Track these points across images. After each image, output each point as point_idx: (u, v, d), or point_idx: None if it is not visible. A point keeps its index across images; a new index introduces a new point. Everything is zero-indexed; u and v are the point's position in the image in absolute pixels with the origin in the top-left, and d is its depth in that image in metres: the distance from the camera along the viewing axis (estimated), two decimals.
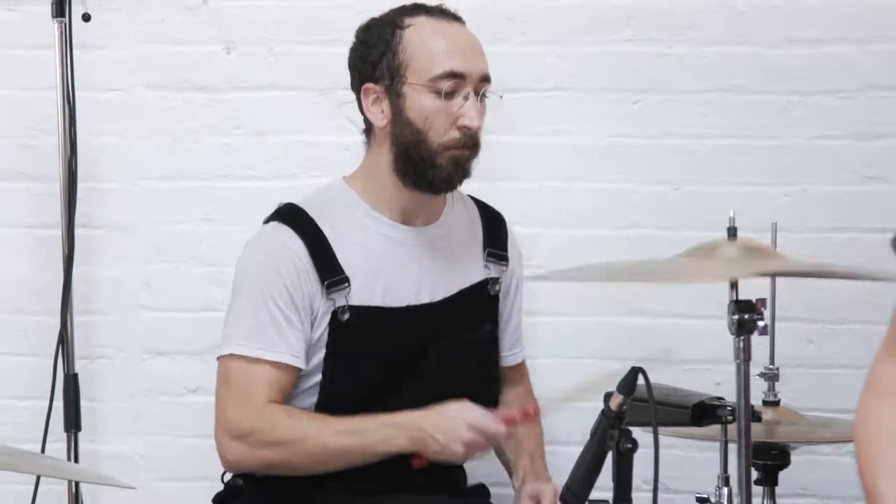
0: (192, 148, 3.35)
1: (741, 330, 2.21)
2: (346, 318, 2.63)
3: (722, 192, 3.24)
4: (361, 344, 2.65)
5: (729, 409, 2.36)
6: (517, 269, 2.90)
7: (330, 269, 2.63)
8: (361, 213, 2.70)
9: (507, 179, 3.26)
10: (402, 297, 2.69)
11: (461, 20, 2.71)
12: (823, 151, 3.23)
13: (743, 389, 2.23)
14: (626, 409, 2.22)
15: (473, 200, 2.88)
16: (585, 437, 2.29)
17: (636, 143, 3.29)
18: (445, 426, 2.56)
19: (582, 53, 3.29)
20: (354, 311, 2.64)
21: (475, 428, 2.55)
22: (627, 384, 2.22)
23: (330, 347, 2.65)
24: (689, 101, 3.27)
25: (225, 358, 2.65)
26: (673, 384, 2.51)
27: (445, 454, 2.57)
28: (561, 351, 3.30)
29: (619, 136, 3.30)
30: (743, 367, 2.22)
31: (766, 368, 2.77)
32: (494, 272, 2.82)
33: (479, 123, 2.65)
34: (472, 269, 2.79)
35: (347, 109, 2.95)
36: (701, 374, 3.20)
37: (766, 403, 2.77)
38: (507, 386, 2.90)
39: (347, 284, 2.64)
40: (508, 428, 2.58)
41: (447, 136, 2.64)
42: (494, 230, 2.85)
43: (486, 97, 2.68)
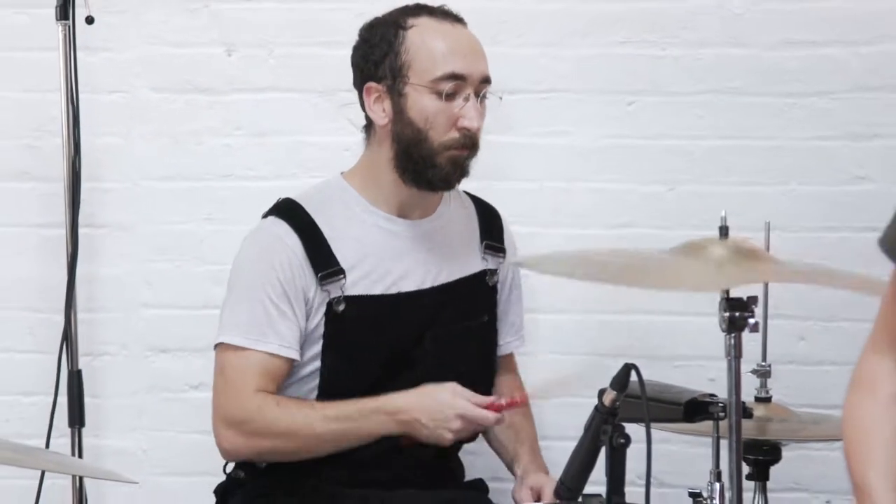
0: (193, 149, 3.36)
1: (732, 327, 2.21)
2: (341, 308, 2.65)
3: (716, 191, 3.25)
4: (358, 333, 2.66)
5: (721, 405, 2.36)
6: (514, 264, 2.90)
7: (324, 261, 2.65)
8: (359, 207, 2.72)
9: (504, 179, 3.26)
10: (398, 285, 2.70)
11: (463, 22, 2.72)
12: (816, 152, 3.23)
13: (734, 386, 2.23)
14: (619, 405, 2.23)
15: (469, 195, 2.89)
16: (579, 432, 2.29)
17: (632, 143, 3.30)
18: (434, 413, 2.59)
19: (578, 55, 3.29)
20: (350, 301, 2.65)
21: (464, 417, 2.58)
22: (620, 380, 2.22)
23: (327, 338, 2.66)
24: (683, 102, 3.27)
25: (220, 349, 2.68)
26: (667, 380, 2.52)
27: (433, 439, 2.61)
28: (560, 347, 3.31)
29: (615, 136, 3.30)
30: (734, 364, 2.23)
31: (758, 365, 2.77)
32: (492, 264, 2.84)
33: (478, 125, 2.66)
34: (469, 260, 2.81)
35: (347, 111, 2.96)
36: (695, 370, 3.21)
37: (758, 400, 2.77)
38: (497, 374, 2.91)
39: (342, 276, 2.65)
40: (496, 415, 2.61)
41: (447, 136, 2.65)
42: (490, 223, 2.87)
43: (486, 98, 2.69)
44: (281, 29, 3.33)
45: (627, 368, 2.23)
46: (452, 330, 2.74)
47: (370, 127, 2.73)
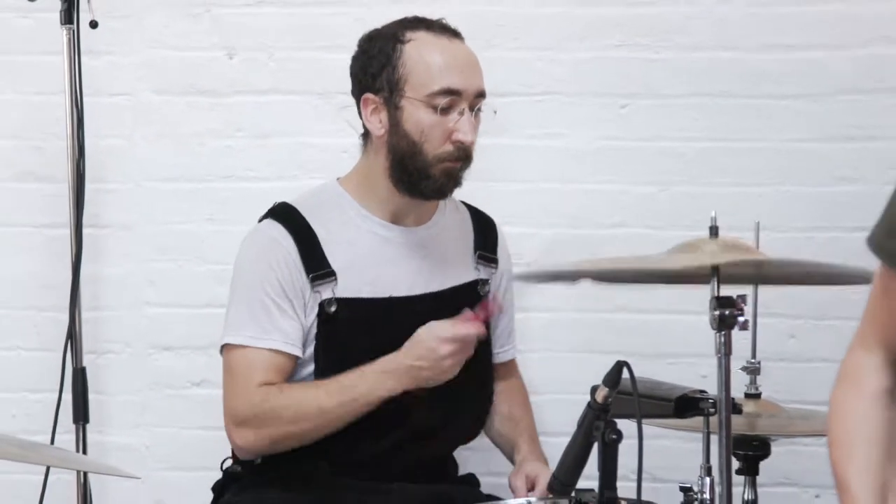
0: (195, 150, 3.36)
1: (722, 325, 2.22)
2: (332, 309, 2.65)
3: (708, 192, 3.25)
4: (350, 336, 2.67)
5: (711, 401, 2.36)
6: (507, 271, 2.90)
7: (316, 263, 2.65)
8: (353, 212, 2.72)
9: (500, 181, 3.27)
10: (390, 290, 2.70)
11: (460, 36, 2.72)
12: (805, 153, 3.24)
13: (724, 383, 2.24)
14: (611, 401, 2.24)
15: (465, 205, 2.89)
16: (574, 428, 2.30)
17: (625, 145, 3.30)
18: (422, 351, 2.58)
19: (573, 59, 3.30)
20: (341, 303, 2.66)
21: (449, 340, 2.57)
22: (612, 377, 2.23)
23: (320, 339, 2.67)
24: (676, 104, 3.28)
25: (226, 350, 2.69)
26: (659, 378, 2.52)
27: (436, 374, 2.59)
28: (553, 345, 3.32)
29: (608, 138, 3.30)
30: (724, 361, 2.23)
31: (748, 362, 2.77)
32: (484, 274, 2.83)
33: (472, 139, 2.66)
34: (462, 269, 2.80)
35: (346, 113, 2.96)
36: (687, 367, 3.21)
37: (748, 396, 2.77)
38: (499, 381, 2.91)
39: (333, 278, 2.66)
40: (479, 324, 2.60)
41: (441, 149, 2.66)
42: (485, 234, 2.86)
43: (480, 111, 2.69)
44: (281, 33, 3.34)
45: (619, 366, 2.24)
46: None
47: (367, 136, 2.74)
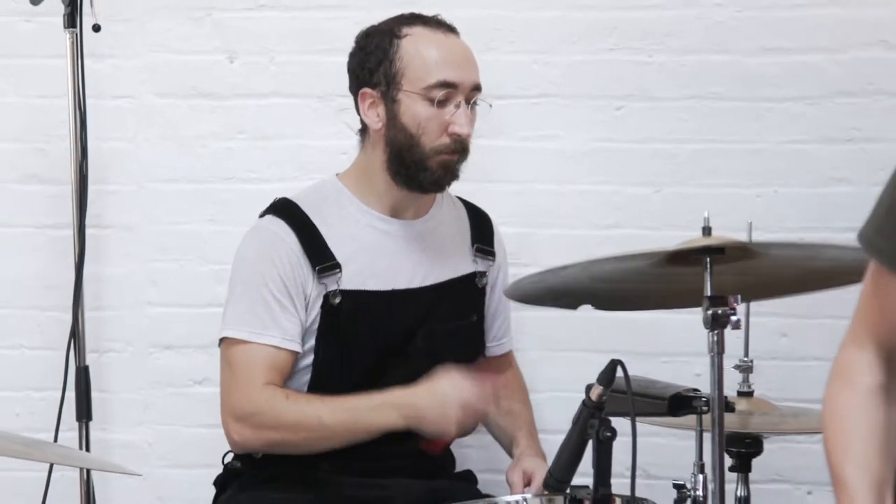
0: (197, 152, 3.37)
1: (715, 324, 2.22)
2: (337, 301, 2.66)
3: (700, 193, 3.26)
4: (352, 327, 2.68)
5: (703, 399, 2.36)
6: (503, 264, 2.92)
7: (321, 256, 2.66)
8: (353, 207, 2.73)
9: (496, 181, 3.27)
10: (392, 282, 2.71)
11: (456, 31, 2.73)
12: (795, 155, 3.24)
13: (717, 381, 2.24)
14: (605, 399, 2.24)
15: (461, 200, 2.90)
16: (569, 425, 2.30)
17: (619, 147, 3.31)
18: (437, 405, 2.59)
19: (568, 62, 3.30)
20: (345, 294, 2.67)
21: (465, 407, 2.58)
22: (606, 376, 2.23)
23: (322, 330, 2.68)
24: (669, 107, 3.28)
25: (225, 344, 2.69)
26: (654, 376, 2.52)
27: (438, 429, 2.61)
28: (548, 343, 3.32)
29: (603, 140, 3.31)
30: (717, 359, 2.23)
31: (740, 361, 2.77)
32: (482, 266, 2.85)
33: (468, 131, 2.68)
34: (460, 261, 2.82)
35: (346, 115, 2.97)
36: (681, 366, 3.21)
37: (740, 394, 2.76)
38: (497, 373, 2.91)
39: (338, 270, 2.67)
40: (494, 399, 2.63)
41: (438, 141, 2.67)
42: (481, 227, 2.88)
43: (476, 105, 2.71)
44: (281, 37, 3.34)
45: (613, 364, 2.24)
46: (443, 328, 2.75)
47: (364, 131, 2.75)
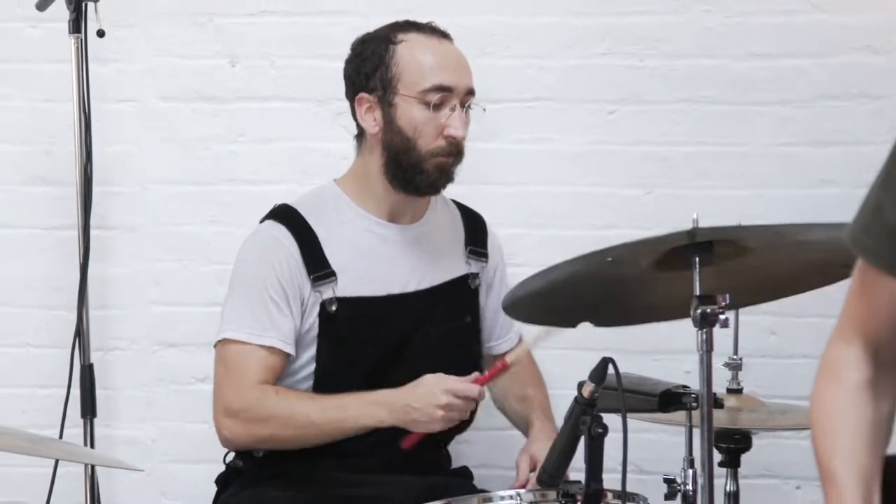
0: (199, 155, 3.37)
1: (704, 323, 2.23)
2: (333, 308, 2.67)
3: (691, 195, 3.26)
4: (351, 332, 2.68)
5: (693, 396, 2.36)
6: (499, 264, 2.93)
7: (318, 264, 2.67)
8: (352, 212, 2.74)
9: (491, 184, 3.28)
10: (388, 287, 2.72)
11: (449, 37, 2.74)
12: (783, 157, 3.25)
13: (706, 378, 2.25)
14: (597, 396, 2.24)
15: (455, 203, 2.90)
16: (561, 422, 2.31)
17: (612, 149, 3.31)
18: (422, 394, 2.59)
19: (562, 66, 3.31)
20: (342, 302, 2.67)
21: (450, 391, 2.58)
22: (598, 373, 2.23)
23: (322, 337, 2.68)
24: (660, 110, 3.28)
25: (221, 344, 2.70)
26: (646, 374, 2.52)
27: (425, 420, 2.59)
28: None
29: (596, 143, 3.31)
30: (706, 357, 2.24)
31: (730, 358, 2.76)
32: (475, 268, 2.85)
33: (463, 134, 2.69)
34: (454, 264, 2.82)
35: (345, 119, 2.97)
36: (672, 363, 3.21)
37: (729, 391, 2.76)
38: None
39: (334, 278, 2.67)
40: (479, 387, 2.61)
41: (434, 144, 2.67)
42: (475, 229, 2.89)
43: (470, 109, 2.72)
44: (282, 42, 3.35)
45: (605, 362, 2.24)
46: (439, 330, 2.75)
47: (361, 136, 2.75)
